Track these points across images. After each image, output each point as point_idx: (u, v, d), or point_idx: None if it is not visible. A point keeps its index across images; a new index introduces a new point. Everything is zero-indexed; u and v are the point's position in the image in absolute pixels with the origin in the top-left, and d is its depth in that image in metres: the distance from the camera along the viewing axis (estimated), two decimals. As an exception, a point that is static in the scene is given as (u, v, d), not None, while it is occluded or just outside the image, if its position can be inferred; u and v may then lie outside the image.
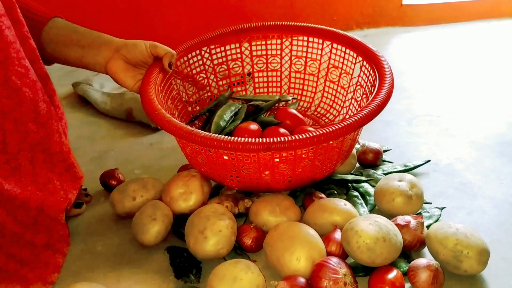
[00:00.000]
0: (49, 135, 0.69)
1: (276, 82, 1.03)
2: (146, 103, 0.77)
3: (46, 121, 0.68)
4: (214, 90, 1.01)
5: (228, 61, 1.00)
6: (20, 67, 0.63)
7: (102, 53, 0.80)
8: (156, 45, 0.83)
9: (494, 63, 1.36)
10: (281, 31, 0.98)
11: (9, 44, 0.62)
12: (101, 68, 0.81)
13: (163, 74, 0.85)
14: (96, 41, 0.80)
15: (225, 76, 1.01)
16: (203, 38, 0.95)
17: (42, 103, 0.67)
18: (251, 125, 0.88)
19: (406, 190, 0.77)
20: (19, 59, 0.63)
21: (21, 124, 0.65)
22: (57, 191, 0.72)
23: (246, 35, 0.98)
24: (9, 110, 0.63)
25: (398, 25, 1.60)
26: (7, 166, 0.64)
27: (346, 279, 0.63)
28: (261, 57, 1.01)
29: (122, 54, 0.80)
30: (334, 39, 0.95)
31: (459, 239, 0.67)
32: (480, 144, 1.00)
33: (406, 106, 1.15)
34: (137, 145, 1.04)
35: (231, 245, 0.71)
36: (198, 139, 0.69)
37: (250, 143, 0.67)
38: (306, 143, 0.68)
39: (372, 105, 0.73)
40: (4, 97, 0.62)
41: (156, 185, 0.83)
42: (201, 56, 0.97)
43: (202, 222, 0.71)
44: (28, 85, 0.65)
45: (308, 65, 1.00)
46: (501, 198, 0.85)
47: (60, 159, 0.71)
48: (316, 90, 1.01)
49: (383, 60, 0.84)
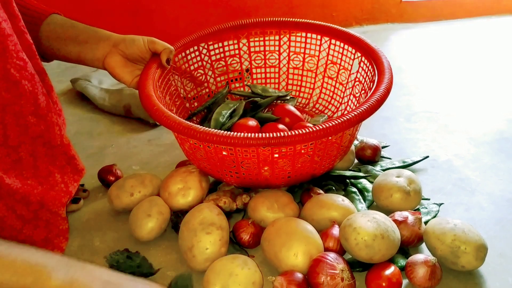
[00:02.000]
0: (49, 128, 0.69)
1: (274, 78, 1.03)
2: (144, 98, 0.76)
3: (46, 114, 0.68)
4: (212, 87, 1.00)
5: (226, 57, 1.00)
6: (18, 60, 0.63)
7: (100, 49, 0.79)
8: (154, 40, 0.83)
9: (494, 60, 1.36)
10: (279, 27, 0.98)
11: (7, 37, 0.61)
12: (99, 63, 0.81)
13: (161, 70, 0.84)
14: (94, 36, 0.80)
15: (223, 72, 1.01)
16: (201, 34, 0.95)
17: (42, 96, 0.67)
18: (250, 121, 0.88)
19: (404, 186, 0.77)
20: (17, 51, 0.63)
21: (21, 117, 0.64)
22: (57, 184, 0.72)
23: (244, 31, 0.98)
24: (9, 103, 0.63)
25: (398, 21, 1.60)
26: (8, 159, 0.64)
27: (343, 274, 0.63)
28: (259, 53, 1.01)
29: (120, 50, 0.80)
30: (332, 35, 0.95)
31: (457, 235, 0.67)
32: (478, 140, 1.00)
33: (405, 102, 1.15)
34: (135, 141, 1.03)
35: (222, 255, 0.70)
36: (197, 134, 0.68)
37: (249, 138, 0.67)
38: (305, 138, 0.68)
39: (371, 100, 0.72)
40: (3, 90, 0.62)
41: (154, 181, 0.83)
42: (199, 52, 0.96)
43: (190, 236, 0.70)
44: (27, 78, 0.64)
45: (306, 61, 1.00)
46: (499, 195, 0.85)
47: (61, 151, 0.71)
48: (315, 86, 1.01)
49: (382, 55, 0.84)
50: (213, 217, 0.71)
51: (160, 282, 0.70)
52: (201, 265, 0.69)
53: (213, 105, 0.96)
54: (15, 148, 0.64)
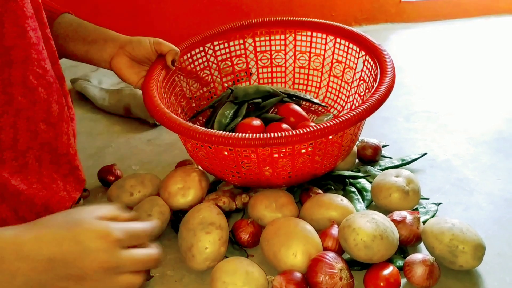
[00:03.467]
0: (57, 136, 0.69)
1: (280, 78, 1.03)
2: (147, 99, 0.77)
3: (56, 122, 0.68)
4: (218, 86, 1.00)
5: (232, 57, 1.00)
6: (39, 68, 0.64)
7: (107, 49, 0.81)
8: (160, 42, 0.84)
9: (493, 59, 1.36)
10: (285, 27, 0.98)
11: (32, 46, 0.62)
12: (106, 64, 0.82)
13: (166, 71, 0.85)
14: (102, 37, 0.81)
15: (229, 72, 1.01)
16: (206, 35, 0.95)
17: (55, 105, 0.68)
18: (254, 121, 0.88)
19: (403, 186, 0.78)
20: (39, 60, 0.64)
21: (33, 123, 0.65)
22: (60, 191, 0.72)
23: (250, 31, 0.98)
24: (23, 109, 0.63)
25: (397, 21, 1.60)
26: (14, 163, 0.64)
27: (342, 274, 0.63)
28: (265, 53, 1.01)
29: (127, 51, 0.81)
30: (337, 33, 0.95)
31: (455, 234, 0.67)
32: (477, 140, 1.00)
33: (404, 102, 1.15)
34: (135, 141, 1.04)
35: (222, 255, 0.71)
36: (196, 135, 0.69)
37: (247, 138, 0.67)
38: (303, 138, 0.68)
39: (372, 99, 0.72)
40: (20, 95, 0.62)
41: (153, 181, 0.83)
42: (205, 52, 0.97)
43: (189, 236, 0.70)
44: (44, 86, 0.65)
45: (312, 60, 1.00)
46: (497, 194, 0.85)
47: (65, 160, 0.72)
48: (321, 85, 1.01)
49: (385, 53, 0.83)
50: (213, 217, 0.72)
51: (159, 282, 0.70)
52: (201, 264, 0.69)
53: (218, 104, 0.96)
54: (23, 153, 0.65)
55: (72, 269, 0.47)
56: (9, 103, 0.62)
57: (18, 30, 0.60)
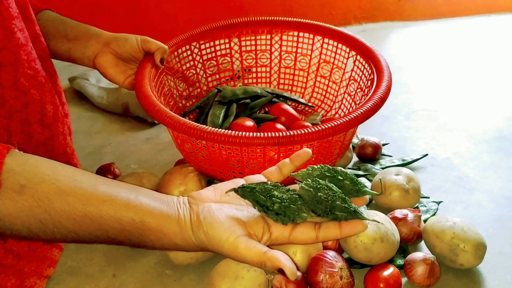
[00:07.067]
0: (53, 137, 0.68)
1: (265, 78, 1.03)
2: (143, 99, 0.75)
3: (51, 123, 0.67)
4: (203, 86, 1.00)
5: (218, 57, 0.99)
6: (29, 69, 0.63)
7: (90, 47, 0.77)
8: (148, 40, 0.81)
9: (493, 58, 1.35)
10: (271, 26, 0.97)
11: (20, 47, 0.61)
12: (89, 62, 0.78)
13: (155, 70, 0.83)
14: (84, 33, 0.78)
15: (215, 72, 1.00)
16: (192, 33, 0.94)
17: (49, 106, 0.67)
18: (246, 121, 0.87)
19: (403, 184, 0.77)
20: (29, 61, 0.63)
21: (27, 125, 0.64)
22: None
23: (236, 30, 0.97)
24: (16, 111, 0.62)
25: (397, 19, 1.60)
26: None
27: (342, 272, 0.63)
28: (251, 53, 1.00)
29: (112, 48, 0.78)
30: (325, 34, 0.94)
31: (456, 233, 0.66)
32: (478, 138, 1.00)
33: (404, 100, 1.15)
34: (133, 139, 1.03)
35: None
36: (204, 135, 0.67)
37: (259, 137, 0.66)
38: (314, 136, 0.67)
39: (375, 97, 0.73)
40: (12, 98, 0.62)
41: (152, 180, 0.82)
42: (191, 51, 0.96)
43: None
44: (36, 87, 0.64)
45: (298, 60, 1.00)
46: (498, 193, 0.85)
47: (63, 160, 0.71)
48: (307, 85, 1.01)
49: (378, 54, 0.84)
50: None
51: (159, 281, 0.70)
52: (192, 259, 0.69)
53: (205, 104, 0.95)
54: None
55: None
56: (1, 106, 0.61)
57: (5, 32, 0.59)
